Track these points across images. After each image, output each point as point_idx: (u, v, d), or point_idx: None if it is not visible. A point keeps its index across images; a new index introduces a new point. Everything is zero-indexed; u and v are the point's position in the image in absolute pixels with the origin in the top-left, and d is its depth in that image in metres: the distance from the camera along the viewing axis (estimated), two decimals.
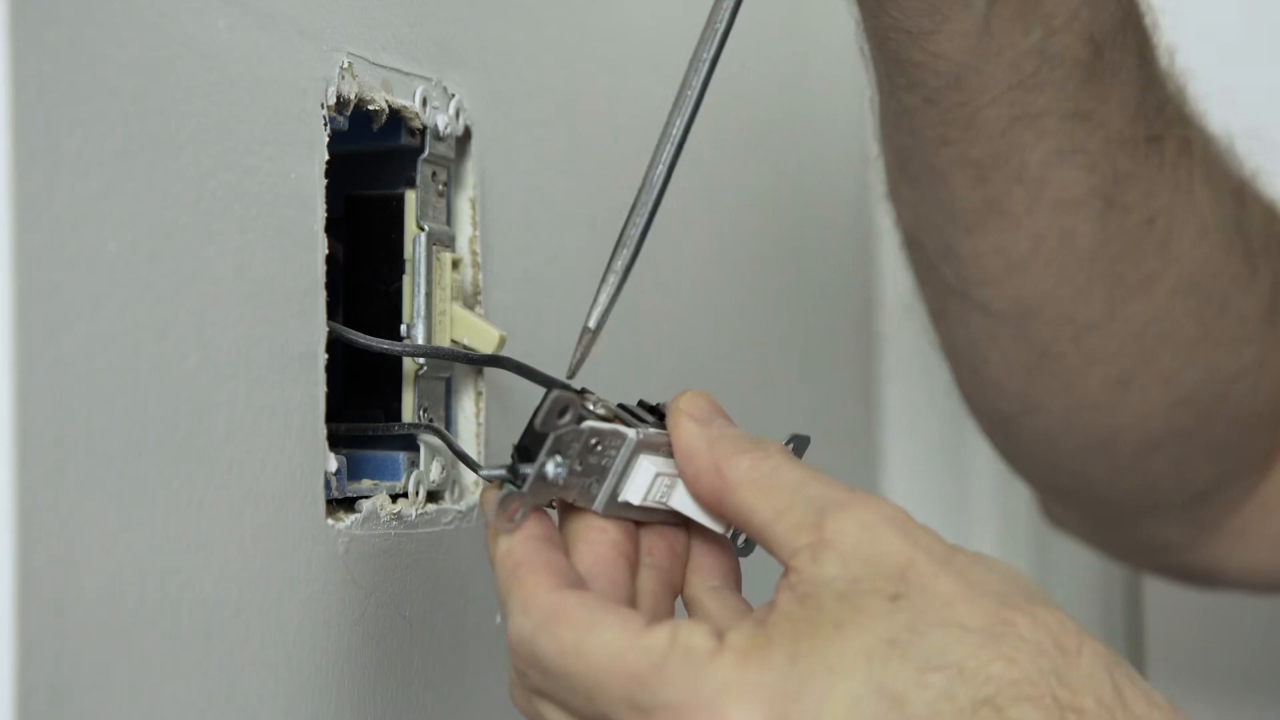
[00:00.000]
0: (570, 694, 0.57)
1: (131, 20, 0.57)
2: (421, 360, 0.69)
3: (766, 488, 0.59)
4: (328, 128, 0.65)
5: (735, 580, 0.63)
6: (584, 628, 0.57)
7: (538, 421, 0.60)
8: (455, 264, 0.70)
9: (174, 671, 0.58)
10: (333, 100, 0.65)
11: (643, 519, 0.62)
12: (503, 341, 0.69)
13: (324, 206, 0.65)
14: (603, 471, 0.61)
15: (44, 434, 0.53)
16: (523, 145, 0.76)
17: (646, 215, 0.65)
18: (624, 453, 0.61)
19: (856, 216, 1.13)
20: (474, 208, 0.73)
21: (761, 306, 1.01)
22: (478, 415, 0.72)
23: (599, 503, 0.61)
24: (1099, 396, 0.83)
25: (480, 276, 0.73)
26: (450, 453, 0.70)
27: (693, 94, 0.67)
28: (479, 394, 0.73)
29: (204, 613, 0.59)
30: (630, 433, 0.61)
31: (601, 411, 0.62)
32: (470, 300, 0.72)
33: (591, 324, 0.64)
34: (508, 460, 0.61)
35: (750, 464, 0.59)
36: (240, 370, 0.61)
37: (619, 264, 0.65)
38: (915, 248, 0.84)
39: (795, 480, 0.59)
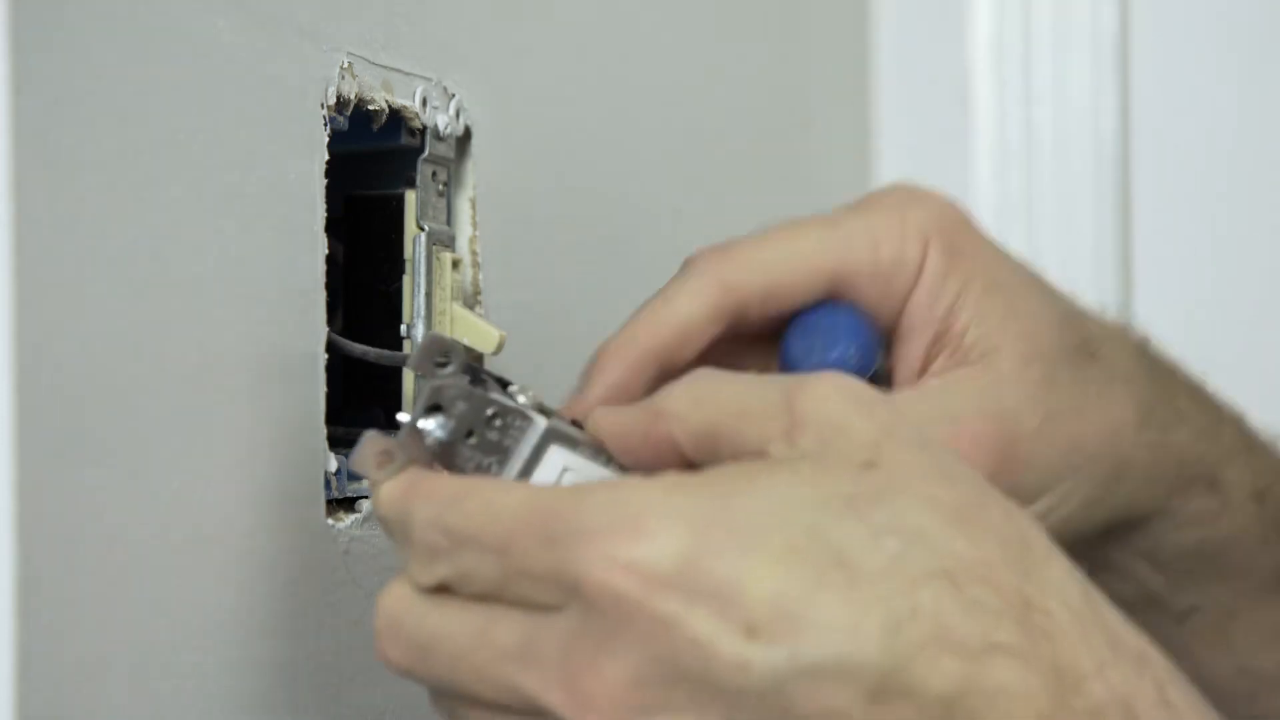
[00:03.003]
0: (480, 562, 0.52)
1: (131, 20, 0.57)
2: None
3: (714, 396, 0.54)
4: (328, 128, 0.65)
5: None
6: (493, 489, 0.53)
7: (410, 361, 0.55)
8: (455, 264, 0.70)
9: (174, 671, 0.58)
10: (333, 100, 0.65)
11: None
12: (503, 341, 0.69)
13: (324, 206, 0.65)
14: (505, 453, 0.56)
15: (44, 433, 0.53)
16: (523, 145, 0.76)
17: None
18: (531, 437, 0.56)
19: None
20: (474, 208, 0.73)
21: None
22: None
23: None
24: None
25: (480, 276, 0.73)
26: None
27: None
28: None
29: (204, 612, 0.59)
30: (538, 417, 0.56)
31: (522, 399, 0.57)
32: (470, 300, 0.72)
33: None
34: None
35: (684, 388, 0.55)
36: (240, 370, 0.61)
37: None
38: None
39: (742, 379, 0.55)
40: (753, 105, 0.99)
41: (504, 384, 0.59)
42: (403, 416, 0.57)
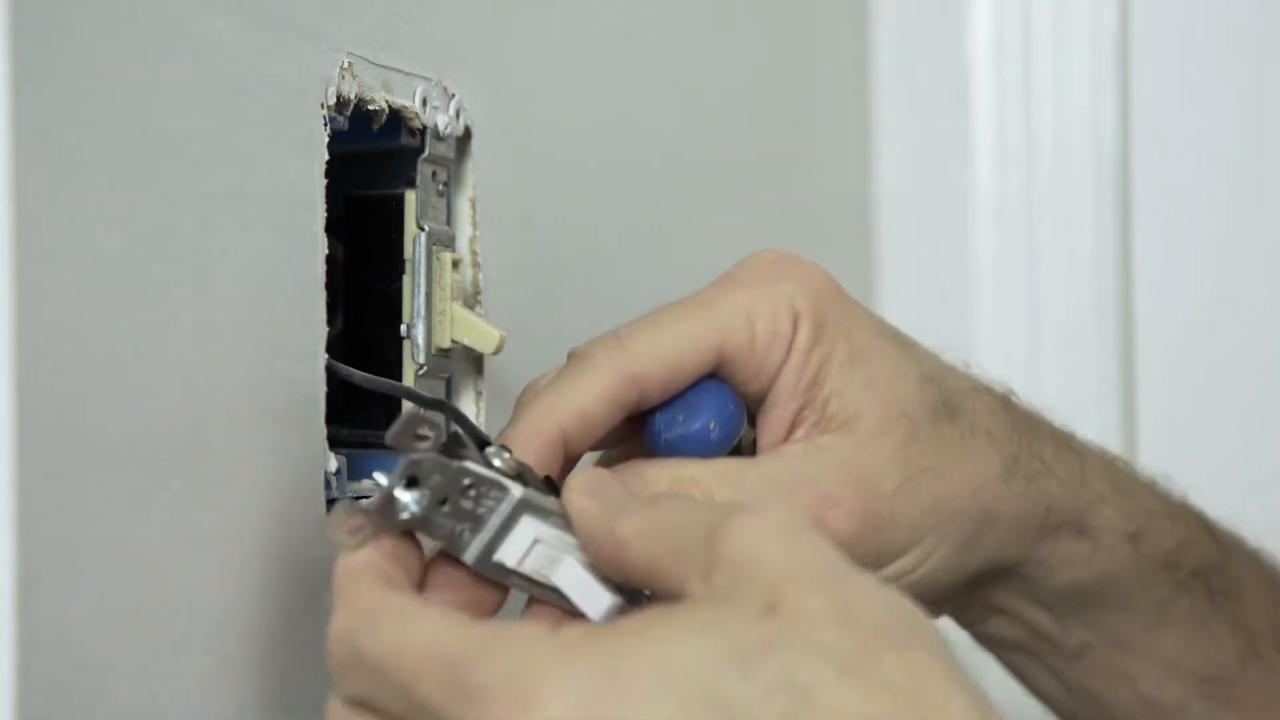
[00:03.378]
0: (387, 690, 0.54)
1: (131, 20, 0.57)
2: (422, 359, 0.69)
3: (657, 531, 0.56)
4: (328, 128, 0.65)
5: None
6: (405, 619, 0.54)
7: (389, 435, 0.57)
8: (455, 264, 0.70)
9: (174, 672, 0.58)
10: (333, 100, 0.65)
11: (524, 590, 0.59)
12: (502, 341, 0.69)
13: (324, 206, 0.65)
14: (478, 520, 0.58)
15: (44, 434, 0.53)
16: (523, 145, 0.76)
17: None
18: (504, 507, 0.58)
19: (857, 214, 1.13)
20: (474, 208, 0.73)
21: None
22: (477, 415, 0.72)
23: (471, 553, 0.58)
24: None
25: (480, 276, 0.73)
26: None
27: None
28: (479, 394, 0.73)
29: (204, 612, 0.59)
30: (513, 487, 0.58)
31: (499, 464, 0.58)
32: (470, 300, 0.72)
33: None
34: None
35: (640, 515, 0.57)
36: (240, 370, 0.61)
37: None
38: None
39: (682, 512, 0.56)
40: (753, 105, 0.99)
41: (484, 443, 0.60)
42: (380, 479, 0.58)
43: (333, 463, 0.65)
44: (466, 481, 0.58)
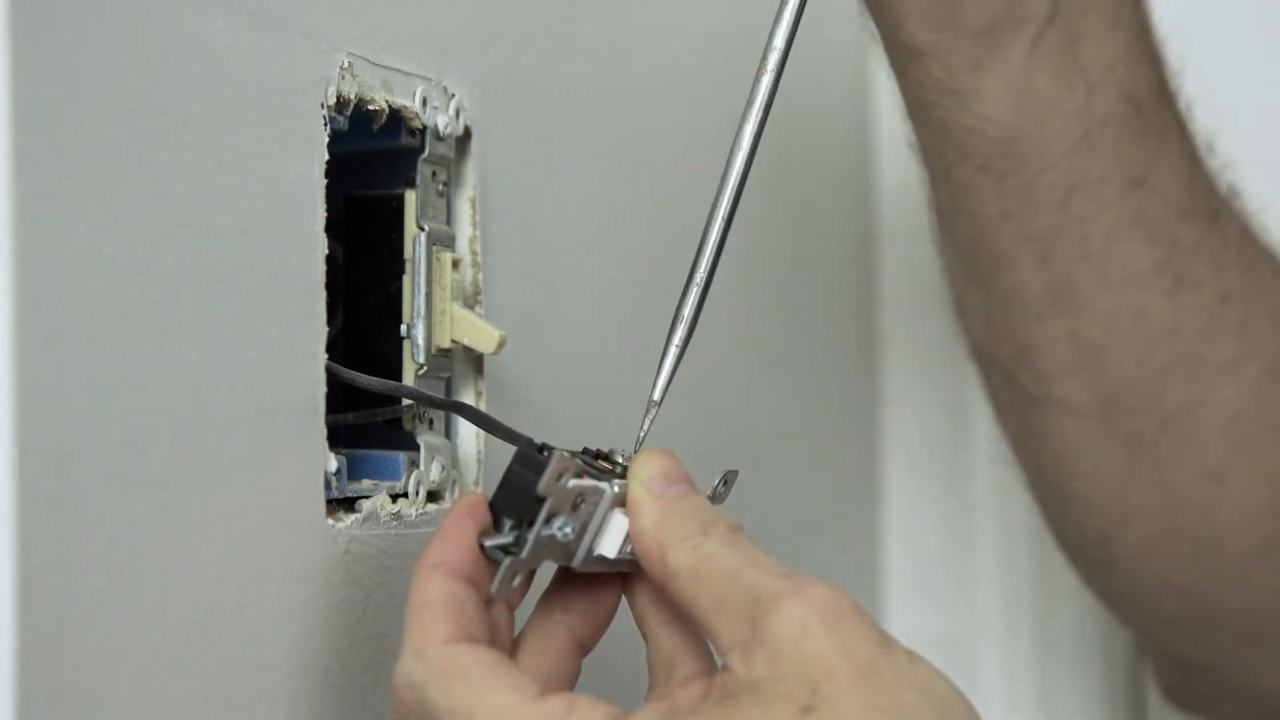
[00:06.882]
0: None
1: (131, 20, 0.57)
2: (422, 359, 0.69)
3: (704, 576, 0.58)
4: (328, 128, 0.65)
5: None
6: (477, 688, 0.57)
7: (541, 485, 0.60)
8: (455, 264, 0.70)
9: (174, 671, 0.58)
10: (333, 100, 0.65)
11: (610, 570, 0.62)
12: (503, 341, 0.69)
13: (324, 206, 0.65)
14: (584, 528, 0.61)
15: (44, 434, 0.53)
16: (523, 145, 0.76)
17: (702, 284, 0.68)
18: (601, 507, 0.61)
19: (858, 215, 1.13)
20: (474, 208, 0.73)
21: (761, 306, 1.01)
22: None
23: (578, 559, 0.61)
24: (1195, 492, 0.81)
25: (480, 276, 0.73)
26: (452, 449, 0.70)
27: (739, 160, 0.71)
28: (479, 394, 0.73)
29: (204, 613, 0.59)
30: (606, 487, 0.61)
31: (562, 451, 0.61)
32: (470, 300, 0.72)
33: (656, 397, 0.65)
34: (502, 529, 0.61)
35: (689, 551, 0.59)
36: (240, 370, 0.61)
37: (678, 337, 0.66)
38: (991, 367, 0.82)
39: (731, 569, 0.58)
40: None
41: (523, 440, 0.62)
42: (491, 541, 0.60)
43: (333, 463, 0.65)
44: (579, 499, 0.61)
